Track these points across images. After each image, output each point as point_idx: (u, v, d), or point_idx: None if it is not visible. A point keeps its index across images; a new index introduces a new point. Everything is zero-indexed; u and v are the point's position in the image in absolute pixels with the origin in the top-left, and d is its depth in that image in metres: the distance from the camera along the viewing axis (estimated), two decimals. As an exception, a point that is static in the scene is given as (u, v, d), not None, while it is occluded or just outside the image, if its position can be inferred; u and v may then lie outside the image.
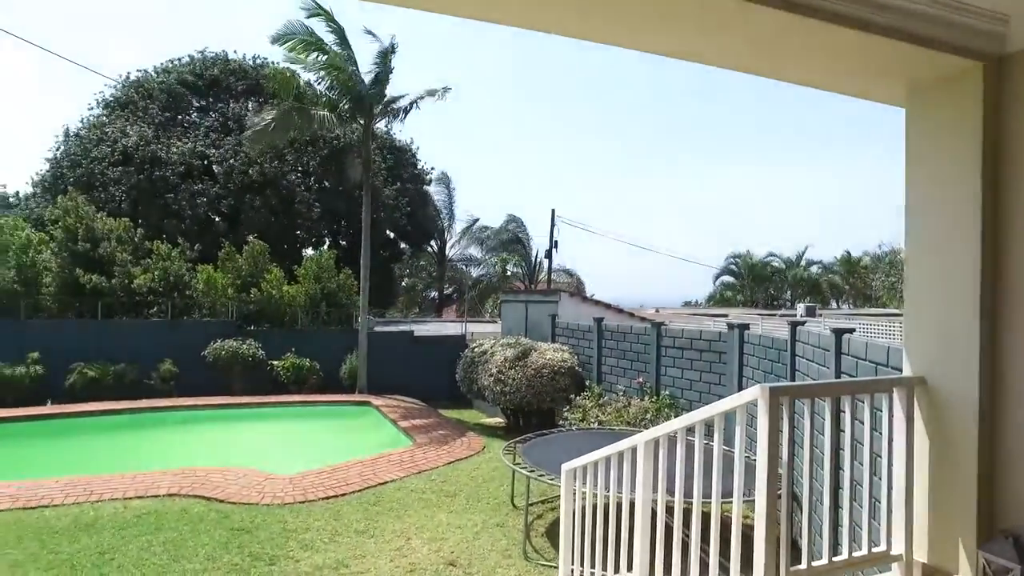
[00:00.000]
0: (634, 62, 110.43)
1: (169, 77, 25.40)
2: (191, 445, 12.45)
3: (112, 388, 15.13)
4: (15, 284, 16.19)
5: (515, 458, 7.40)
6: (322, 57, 14.90)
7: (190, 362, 16.00)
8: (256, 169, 23.66)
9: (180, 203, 22.41)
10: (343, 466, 9.53)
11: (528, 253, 34.61)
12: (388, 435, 12.55)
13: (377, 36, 15.74)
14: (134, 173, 22.10)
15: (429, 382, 16.67)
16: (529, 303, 15.91)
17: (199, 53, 26.39)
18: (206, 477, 8.82)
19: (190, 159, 23.14)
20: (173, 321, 17.06)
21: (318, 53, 14.85)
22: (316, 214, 25.05)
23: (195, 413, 14.35)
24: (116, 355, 15.63)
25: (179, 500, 8.00)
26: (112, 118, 24.13)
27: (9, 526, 7.24)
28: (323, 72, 15.06)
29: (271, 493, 8.17)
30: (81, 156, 22.78)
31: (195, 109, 25.59)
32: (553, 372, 11.80)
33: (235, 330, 16.98)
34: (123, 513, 7.57)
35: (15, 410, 13.92)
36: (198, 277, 17.93)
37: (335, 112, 15.77)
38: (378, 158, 26.48)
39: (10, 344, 15.12)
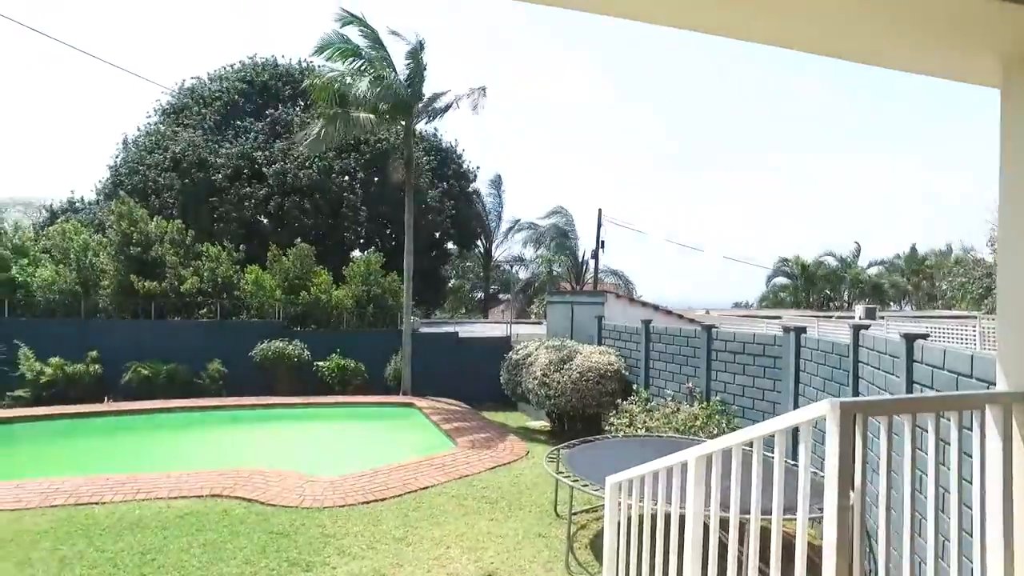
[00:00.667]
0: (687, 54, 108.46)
1: (222, 84, 26.02)
2: (236, 445, 12.60)
3: (164, 386, 15.48)
4: (76, 285, 16.74)
5: (558, 466, 7.12)
6: (358, 62, 15.10)
7: (238, 362, 16.25)
8: (305, 172, 23.98)
9: (228, 206, 22.87)
10: (384, 470, 9.42)
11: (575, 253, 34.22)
12: (430, 438, 12.43)
13: (402, 36, 15.86)
14: (182, 177, 22.65)
15: (474, 384, 16.51)
16: (575, 304, 15.59)
17: (249, 59, 26.95)
18: (248, 478, 8.82)
19: (238, 162, 23.58)
20: (222, 322, 17.38)
21: (354, 59, 15.06)
22: (363, 217, 25.23)
23: (241, 413, 14.55)
24: (168, 354, 15.99)
25: (221, 501, 8.01)
26: (167, 125, 24.85)
27: (62, 522, 7.37)
28: (360, 76, 15.16)
29: (311, 496, 8.11)
30: (137, 163, 23.51)
31: (246, 114, 26.11)
32: (599, 376, 11.47)
33: (281, 331, 17.18)
34: (166, 513, 7.60)
35: (78, 406, 14.38)
36: (246, 278, 18.22)
37: (376, 114, 15.80)
38: (423, 159, 26.55)
39: (72, 343, 15.64)
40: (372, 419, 14.90)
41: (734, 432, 2.89)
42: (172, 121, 25.05)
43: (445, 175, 28.86)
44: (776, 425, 2.59)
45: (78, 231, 17.80)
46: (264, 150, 24.48)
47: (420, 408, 14.78)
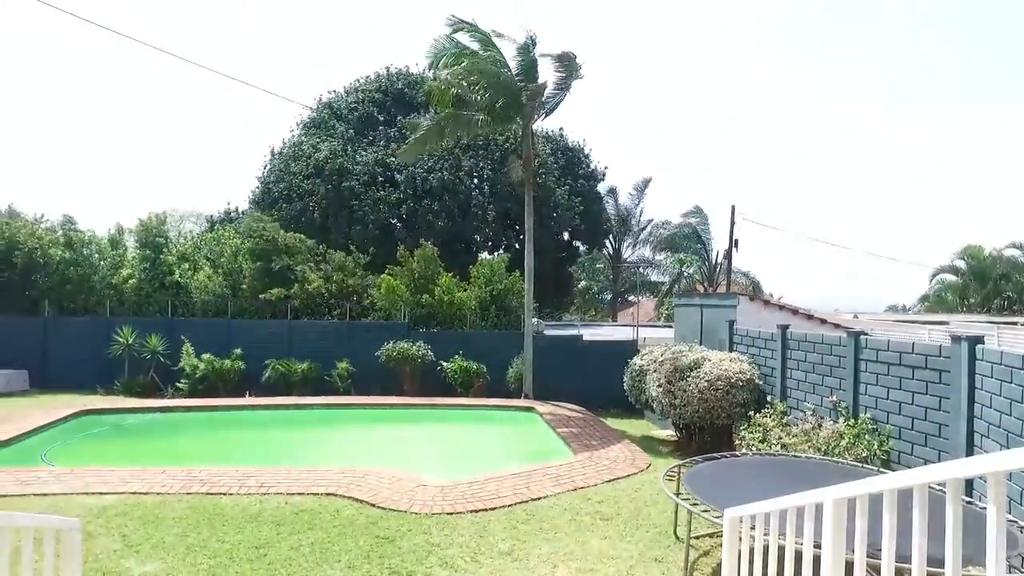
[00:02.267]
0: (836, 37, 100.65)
1: (357, 96, 27.41)
2: (359, 443, 12.92)
3: (298, 384, 16.31)
4: (225, 288, 18.11)
5: (678, 486, 6.44)
6: (471, 63, 15.09)
7: (365, 362, 16.78)
8: (435, 176, 24.59)
9: (363, 209, 23.94)
10: (497, 476, 9.13)
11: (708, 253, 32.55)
12: (548, 445, 12.04)
13: (506, 35, 15.74)
14: (324, 184, 24.03)
15: (597, 389, 15.94)
16: (704, 307, 14.58)
17: (384, 70, 28.15)
18: (363, 478, 8.88)
19: (373, 168, 24.65)
20: (351, 323, 18.07)
21: (467, 61, 15.06)
22: (490, 216, 25.46)
23: (366, 411, 14.98)
24: (302, 353, 16.85)
25: (335, 500, 8.08)
26: (308, 136, 26.53)
27: (194, 510, 7.74)
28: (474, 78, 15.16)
29: (421, 501, 7.97)
30: (283, 172, 25.25)
31: (380, 123, 27.27)
32: (729, 385, 10.52)
33: (406, 332, 17.55)
34: (284, 508, 7.77)
35: (224, 399, 15.50)
36: (375, 283, 18.82)
37: (492, 114, 15.73)
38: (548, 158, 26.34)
39: (221, 341, 16.92)
40: (491, 422, 14.77)
41: (904, 473, 2.21)
42: (313, 133, 26.70)
43: (574, 174, 28.51)
44: (974, 468, 1.90)
45: (230, 238, 19.26)
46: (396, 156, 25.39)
47: (540, 413, 14.44)
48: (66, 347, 17.18)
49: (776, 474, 6.35)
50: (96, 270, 18.16)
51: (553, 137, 29.02)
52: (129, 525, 7.25)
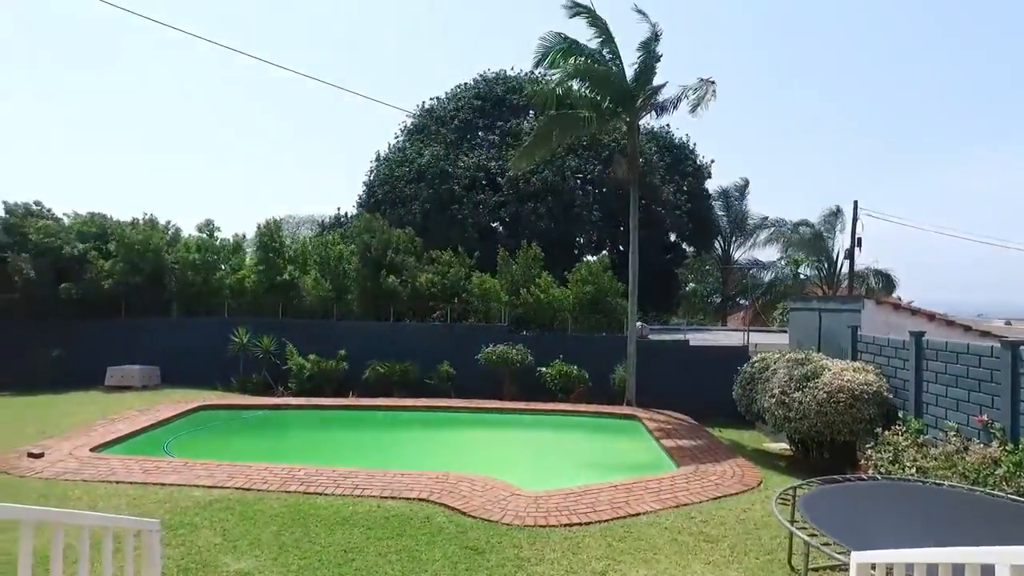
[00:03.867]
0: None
1: (457, 102, 27.78)
2: (456, 446, 12.81)
3: (398, 384, 16.51)
4: (330, 291, 18.71)
5: (793, 512, 5.72)
6: (579, 60, 14.53)
7: (465, 364, 16.74)
8: (538, 177, 24.39)
9: (464, 212, 24.13)
10: (595, 488, 8.66)
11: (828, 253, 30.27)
12: (650, 456, 11.40)
13: (647, 15, 14.77)
14: (426, 188, 24.44)
15: (704, 397, 15.05)
16: (823, 311, 13.37)
17: (481, 76, 28.34)
18: (456, 485, 8.68)
19: (474, 172, 24.82)
20: (451, 325, 18.13)
21: (576, 56, 14.52)
22: (595, 217, 24.92)
23: (465, 415, 14.90)
24: (403, 355, 17.04)
25: (426, 506, 7.92)
26: (411, 142, 27.15)
27: (291, 508, 7.84)
28: (582, 75, 14.62)
29: (513, 511, 7.65)
30: (388, 177, 25.94)
31: (480, 127, 27.47)
32: (852, 397, 9.47)
33: (506, 335, 17.37)
34: (376, 512, 7.69)
35: (328, 399, 15.95)
36: (474, 283, 18.81)
37: (598, 112, 15.17)
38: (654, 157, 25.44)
39: (327, 342, 17.45)
40: (591, 430, 14.26)
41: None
42: (416, 139, 27.30)
43: (681, 172, 27.44)
44: None
45: (335, 242, 19.91)
46: (497, 160, 25.44)
47: (642, 421, 13.79)
48: (191, 346, 18.36)
49: (913, 505, 5.50)
50: (219, 273, 19.29)
51: (658, 135, 28.05)
52: (230, 520, 7.42)
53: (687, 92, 15.02)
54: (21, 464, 9.69)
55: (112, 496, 8.29)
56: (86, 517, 3.54)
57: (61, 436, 11.43)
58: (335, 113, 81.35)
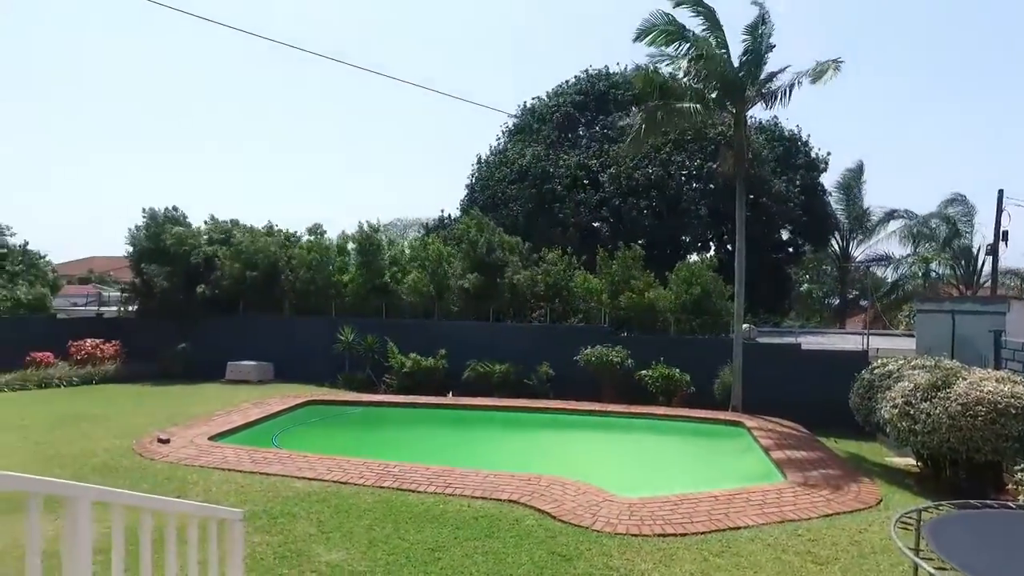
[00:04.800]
0: None
1: (559, 100, 27.62)
2: (552, 448, 12.63)
3: (497, 385, 16.52)
4: (430, 290, 19.06)
5: (918, 541, 5.04)
6: (684, 46, 13.88)
7: (564, 365, 16.52)
8: (641, 173, 23.82)
9: (565, 212, 23.94)
10: (693, 497, 8.20)
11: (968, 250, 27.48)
12: (756, 466, 10.69)
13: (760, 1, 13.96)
14: (527, 188, 24.46)
15: (817, 405, 14.01)
16: (958, 313, 12.07)
17: (584, 73, 28.03)
18: (547, 488, 8.49)
19: (575, 171, 24.59)
20: (551, 325, 17.96)
21: (679, 42, 13.89)
22: (701, 213, 23.99)
23: (563, 417, 14.68)
24: (502, 355, 17.05)
25: (516, 508, 7.78)
26: (512, 143, 27.30)
27: (383, 504, 7.95)
28: (687, 62, 13.95)
29: (605, 518, 7.36)
30: (488, 179, 26.22)
31: (582, 124, 27.19)
32: (993, 411, 8.39)
33: (606, 336, 16.99)
34: (466, 512, 7.64)
35: (428, 397, 16.23)
36: (577, 283, 18.54)
37: (703, 103, 14.49)
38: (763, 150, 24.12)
39: (428, 341, 17.78)
40: (693, 436, 13.64)
41: None
42: (517, 139, 27.43)
43: (792, 165, 25.88)
44: None
45: (435, 242, 20.29)
46: (598, 157, 25.08)
47: (748, 428, 13.02)
48: (301, 343, 19.32)
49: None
50: (327, 274, 20.18)
51: (767, 126, 26.60)
52: (326, 512, 7.61)
53: (799, 78, 14.02)
54: (152, 448, 10.48)
55: (223, 483, 8.75)
56: (173, 504, 3.65)
57: (185, 424, 12.28)
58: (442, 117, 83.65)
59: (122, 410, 13.97)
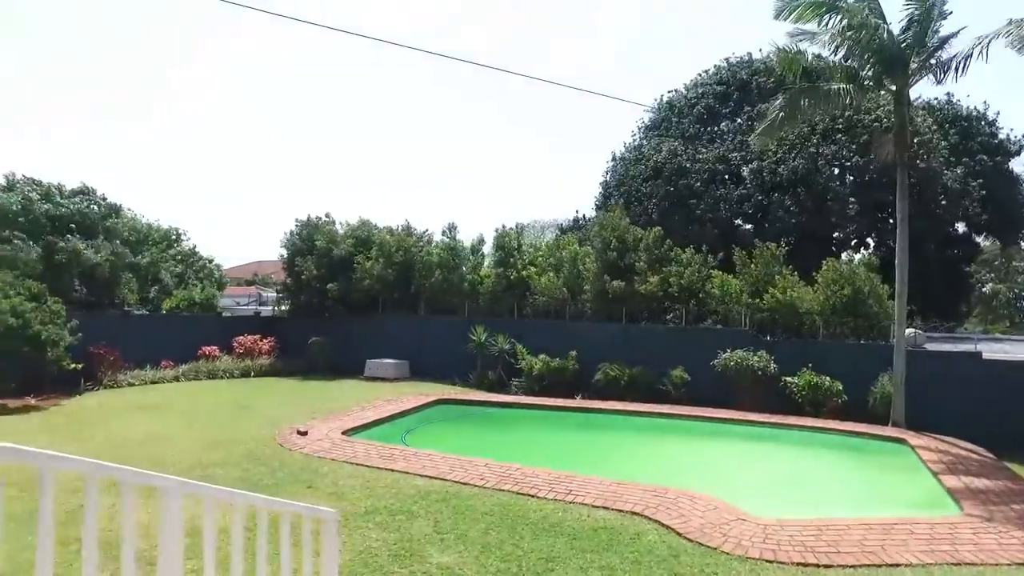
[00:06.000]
0: None
1: (697, 91, 26.36)
2: (680, 457, 11.91)
3: (629, 388, 15.95)
4: (563, 291, 18.81)
5: None
6: (835, 18, 12.47)
7: (700, 370, 15.66)
8: (786, 167, 22.13)
9: (703, 208, 22.77)
10: (841, 523, 7.24)
11: None
12: (921, 492, 9.33)
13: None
14: (662, 185, 23.52)
15: (1003, 424, 12.16)
16: None
17: (724, 61, 26.54)
18: (675, 501, 7.90)
19: (714, 165, 23.33)
20: (686, 328, 17.07)
21: (830, 15, 12.50)
22: (853, 210, 21.83)
23: (698, 424, 13.86)
24: (634, 357, 16.46)
25: (638, 521, 7.28)
26: (648, 138, 26.42)
27: (501, 507, 7.78)
28: (837, 37, 12.55)
29: (735, 539, 6.67)
30: (623, 176, 25.56)
31: (722, 116, 25.76)
32: None
33: (747, 340, 15.85)
34: (584, 521, 7.28)
35: (557, 399, 16.01)
36: (714, 284, 17.50)
37: (855, 82, 13.01)
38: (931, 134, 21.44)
39: (559, 342, 17.59)
40: (843, 451, 12.26)
41: None
42: (653, 135, 26.53)
43: (969, 150, 22.82)
44: None
45: (568, 243, 20.03)
46: (740, 150, 23.64)
47: (914, 447, 11.48)
48: (435, 342, 19.85)
49: None
50: (461, 274, 20.59)
51: (938, 106, 23.64)
52: (444, 512, 7.57)
53: (984, 43, 12.01)
54: (291, 439, 11.09)
55: (350, 476, 9.02)
56: (264, 501, 3.64)
57: (323, 418, 12.93)
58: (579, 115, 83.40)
59: (271, 402, 15.02)
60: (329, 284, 20.65)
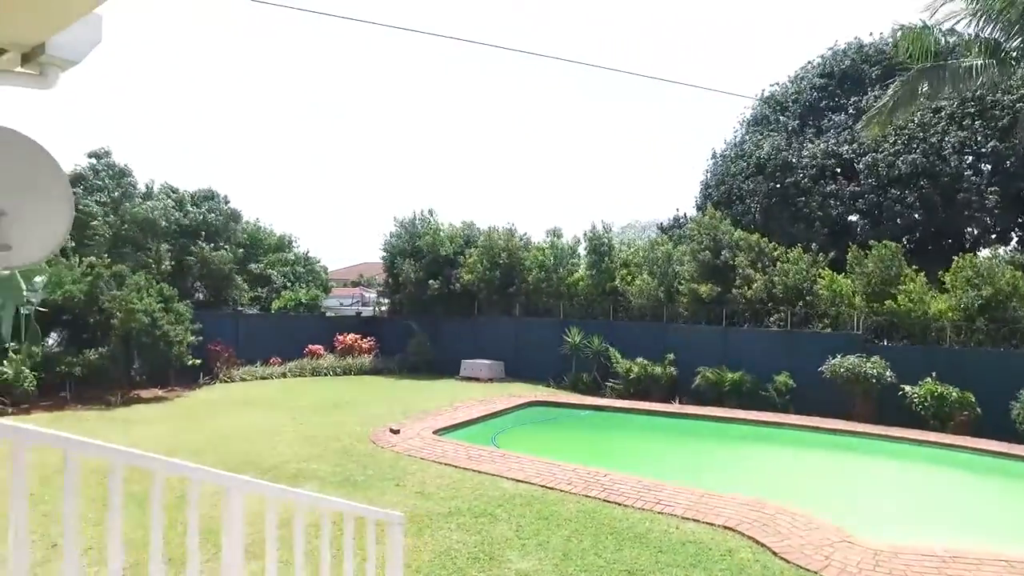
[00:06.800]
0: None
1: (800, 84, 24.83)
2: (783, 469, 11.15)
3: (729, 394, 15.21)
4: (659, 293, 18.21)
5: None
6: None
7: (806, 377, 14.66)
8: (906, 158, 20.33)
9: (810, 206, 21.33)
10: (971, 557, 6.41)
11: None
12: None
13: None
14: (765, 182, 22.27)
15: None
16: None
17: (829, 51, 24.79)
18: (773, 517, 7.35)
19: (823, 160, 21.81)
20: (791, 332, 16.03)
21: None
22: (991, 203, 19.67)
23: (801, 434, 12.97)
24: (735, 362, 15.69)
25: (730, 537, 6.83)
26: (749, 134, 25.12)
27: (586, 515, 7.56)
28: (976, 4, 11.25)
29: (840, 565, 6.09)
30: (723, 174, 24.44)
31: (829, 108, 24.05)
32: None
33: (859, 345, 14.68)
34: (672, 534, 6.91)
35: (652, 404, 15.52)
36: (822, 285, 16.34)
37: (996, 56, 11.65)
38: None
39: (654, 344, 17.07)
40: (978, 472, 11.02)
41: None
42: (754, 131, 25.20)
43: None
44: None
45: (663, 243, 19.40)
46: (851, 143, 21.97)
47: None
48: (530, 343, 19.79)
49: None
50: (559, 276, 20.41)
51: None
52: (527, 516, 7.43)
53: None
54: (384, 437, 11.36)
55: (437, 476, 9.07)
56: (326, 502, 3.62)
57: (416, 417, 13.16)
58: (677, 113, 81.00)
59: (368, 400, 15.49)
60: (430, 280, 20.98)
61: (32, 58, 3.12)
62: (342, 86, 70.05)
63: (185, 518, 2.75)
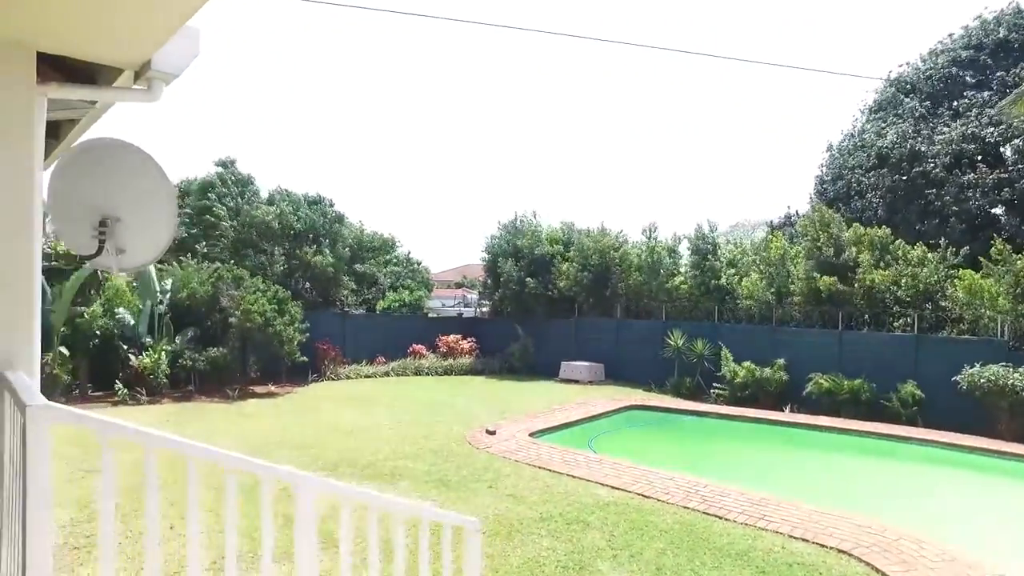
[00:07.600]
0: None
1: (937, 61, 22.47)
2: (910, 491, 10.09)
3: (845, 403, 14.11)
4: (770, 293, 17.20)
5: None
6: None
7: (938, 387, 13.33)
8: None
9: (944, 199, 19.36)
10: None
11: None
12: None
13: None
14: (888, 174, 20.46)
15: None
16: None
17: (976, 20, 22.30)
18: (894, 542, 6.65)
19: (960, 145, 19.72)
20: (920, 336, 14.62)
21: None
22: None
23: (932, 450, 11.74)
24: (853, 369, 14.56)
25: (844, 561, 6.23)
26: (870, 123, 23.18)
27: (683, 527, 7.19)
28: None
29: (976, 600, 5.39)
30: (840, 168, 22.76)
31: (968, 86, 21.69)
32: None
33: (1003, 352, 13.15)
34: (776, 554, 6.41)
35: (761, 411, 14.68)
36: (958, 285, 14.81)
37: None
38: None
39: (764, 349, 16.15)
40: None
41: None
42: (876, 118, 23.22)
43: None
44: None
45: (776, 240, 18.32)
46: (996, 125, 19.75)
47: None
48: (630, 345, 19.29)
49: None
50: (659, 276, 19.80)
51: None
52: (621, 526, 7.16)
53: None
54: (480, 438, 11.39)
55: (531, 479, 8.95)
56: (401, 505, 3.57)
57: (513, 418, 13.12)
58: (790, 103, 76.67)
59: (466, 400, 15.64)
60: (528, 278, 20.92)
61: (141, 74, 3.31)
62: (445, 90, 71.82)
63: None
